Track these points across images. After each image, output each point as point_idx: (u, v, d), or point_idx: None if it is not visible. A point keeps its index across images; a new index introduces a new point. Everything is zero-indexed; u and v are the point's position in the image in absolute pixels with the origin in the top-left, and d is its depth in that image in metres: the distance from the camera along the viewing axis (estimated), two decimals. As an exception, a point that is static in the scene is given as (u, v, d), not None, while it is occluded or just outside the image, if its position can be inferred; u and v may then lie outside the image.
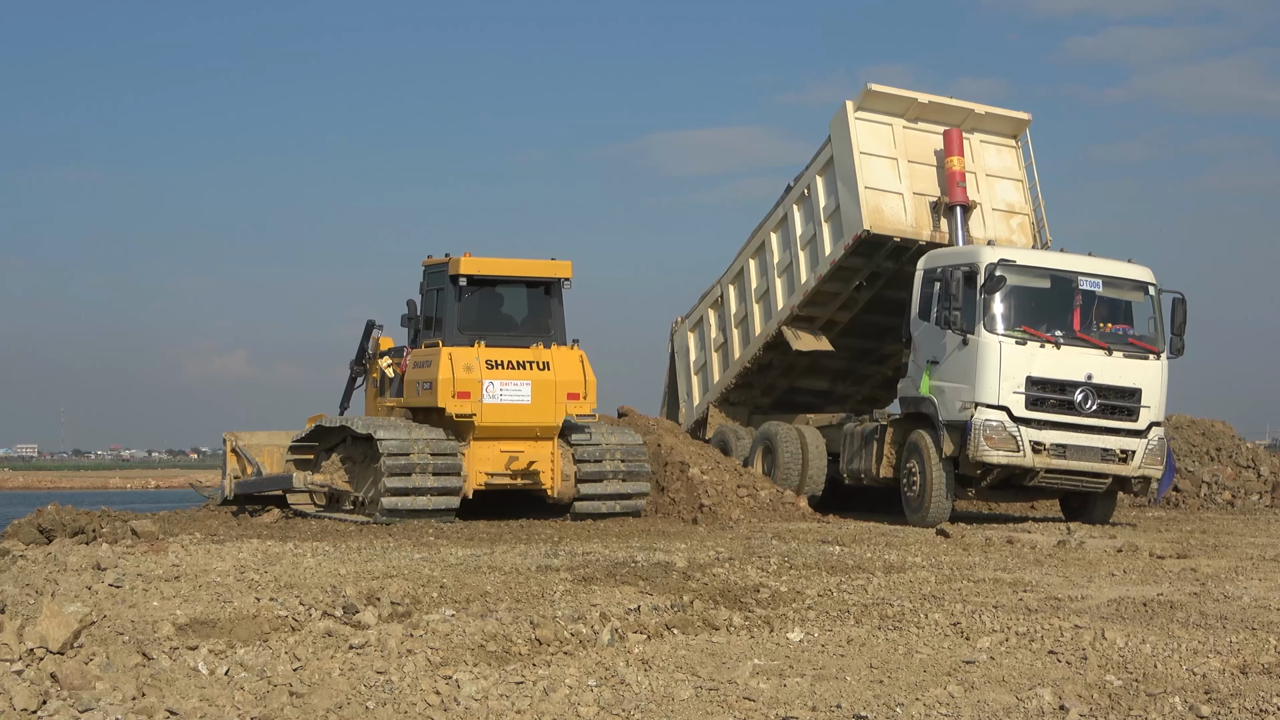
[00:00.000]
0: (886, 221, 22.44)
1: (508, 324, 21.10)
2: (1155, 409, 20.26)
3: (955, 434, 19.96)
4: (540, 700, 7.81)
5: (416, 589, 11.42)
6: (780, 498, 21.91)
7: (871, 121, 22.95)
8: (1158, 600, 11.51)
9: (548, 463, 20.60)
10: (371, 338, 22.88)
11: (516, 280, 21.07)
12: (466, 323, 20.53)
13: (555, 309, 21.05)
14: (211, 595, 10.89)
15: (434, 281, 21.07)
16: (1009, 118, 23.77)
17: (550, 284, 21.04)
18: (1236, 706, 7.70)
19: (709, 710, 7.70)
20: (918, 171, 22.99)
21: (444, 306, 20.61)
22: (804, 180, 24.10)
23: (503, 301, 21.25)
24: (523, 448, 20.46)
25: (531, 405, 20.29)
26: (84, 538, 15.74)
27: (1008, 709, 7.71)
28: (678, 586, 12.08)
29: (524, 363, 20.35)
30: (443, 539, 17.20)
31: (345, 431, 20.82)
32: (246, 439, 22.42)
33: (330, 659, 8.58)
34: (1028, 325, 19.93)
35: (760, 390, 25.94)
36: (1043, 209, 23.41)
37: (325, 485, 20.91)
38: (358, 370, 23.21)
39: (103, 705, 7.35)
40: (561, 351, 20.68)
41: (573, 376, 20.53)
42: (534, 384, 20.31)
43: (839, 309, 23.91)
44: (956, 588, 12.42)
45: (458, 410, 20.05)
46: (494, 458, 20.41)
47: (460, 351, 20.15)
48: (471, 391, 20.01)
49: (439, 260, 21.03)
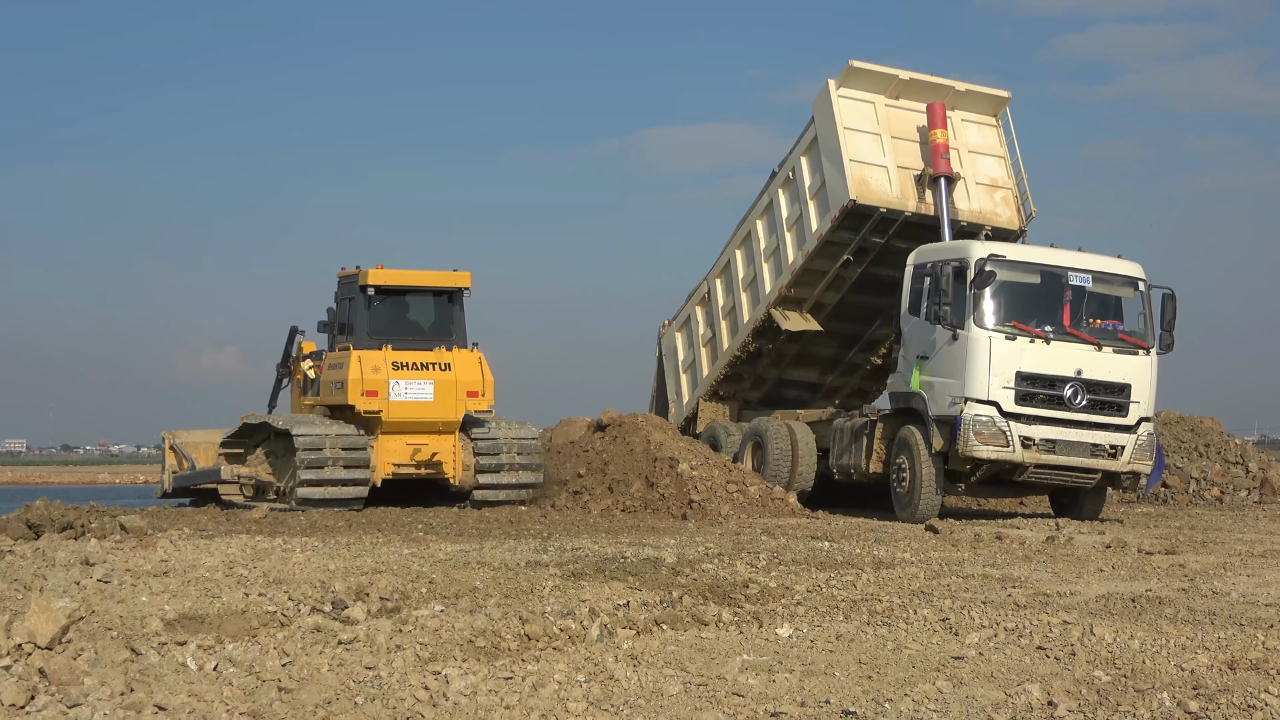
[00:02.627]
0: (872, 192, 22.61)
1: (414, 329, 23.14)
2: (1145, 404, 20.28)
3: (945, 429, 19.99)
4: (529, 696, 7.80)
5: (405, 584, 11.41)
6: (769, 494, 21.92)
7: (854, 99, 23.19)
8: (1146, 596, 11.53)
9: (450, 454, 22.63)
10: (295, 342, 24.94)
11: (421, 289, 23.22)
12: (376, 328, 22.62)
13: (457, 315, 23.14)
14: (200, 591, 10.86)
15: (347, 291, 23.21)
16: (989, 95, 23.99)
17: (452, 293, 23.14)
18: (1224, 702, 7.72)
19: (698, 706, 7.70)
20: (901, 147, 23.21)
21: (355, 314, 22.73)
22: (788, 164, 24.25)
23: (409, 309, 23.32)
24: (427, 440, 22.47)
25: (434, 402, 22.32)
26: (72, 533, 15.69)
27: (996, 705, 7.72)
28: (667, 582, 12.08)
29: (427, 364, 22.42)
30: (431, 535, 17.21)
31: (268, 428, 22.77)
32: (184, 437, 24.83)
33: (319, 654, 8.56)
34: (1017, 320, 19.96)
35: (750, 382, 25.93)
36: (1025, 183, 23.65)
37: (251, 477, 22.74)
38: (283, 372, 25.34)
39: (91, 701, 7.33)
40: (462, 354, 22.71)
41: (472, 376, 22.52)
42: (436, 383, 22.35)
43: (827, 289, 23.95)
44: (945, 584, 12.43)
45: (366, 407, 22.06)
46: (400, 450, 22.44)
47: (368, 354, 22.18)
48: (379, 390, 22.04)
49: (351, 272, 23.13)
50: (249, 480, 22.77)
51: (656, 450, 22.60)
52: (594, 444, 24.29)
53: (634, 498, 22.04)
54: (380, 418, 22.10)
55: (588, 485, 23.16)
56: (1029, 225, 23.36)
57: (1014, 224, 23.38)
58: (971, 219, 22.97)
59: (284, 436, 22.04)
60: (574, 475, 23.61)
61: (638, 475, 22.48)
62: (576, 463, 24.01)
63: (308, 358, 24.08)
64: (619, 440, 23.66)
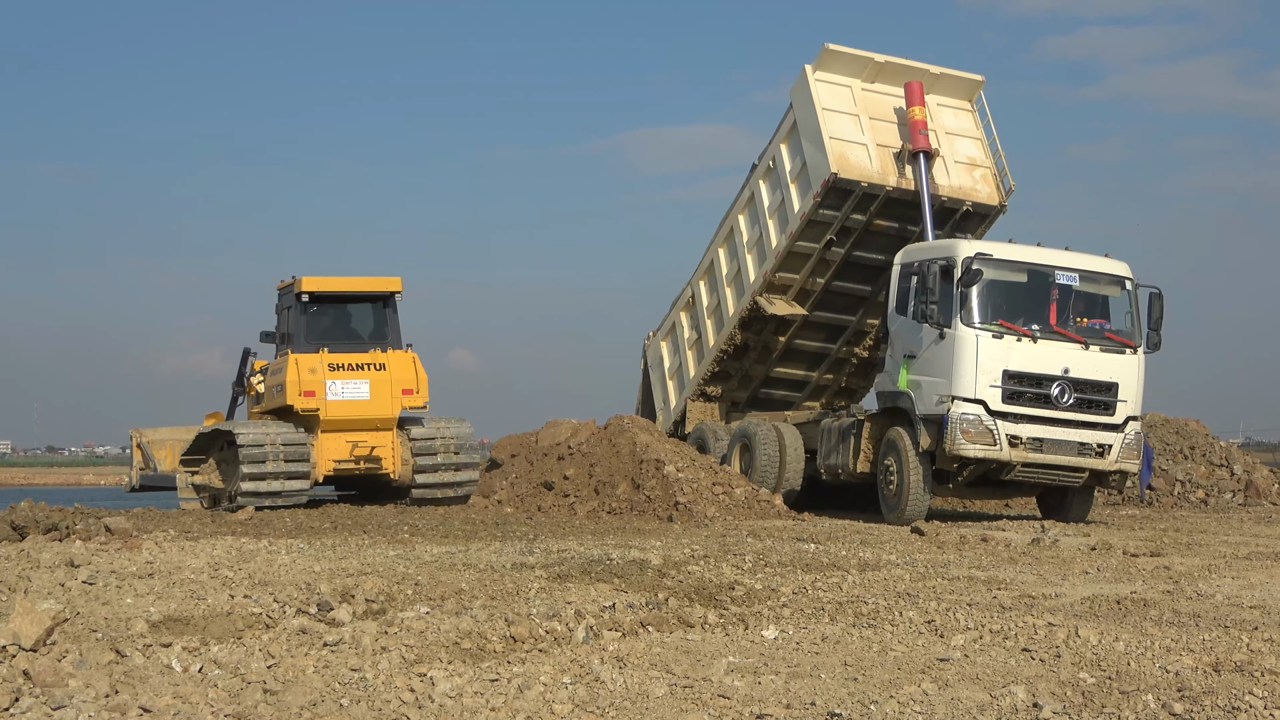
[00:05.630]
0: (853, 166, 22.82)
1: (350, 334, 24.19)
2: (1132, 403, 20.25)
3: (932, 428, 19.96)
4: (515, 697, 7.80)
5: (391, 586, 11.40)
6: (755, 495, 21.92)
7: (831, 83, 23.49)
8: (1131, 598, 11.54)
9: (388, 450, 23.61)
10: (248, 361, 26.00)
11: (354, 295, 24.23)
12: (313, 334, 23.67)
13: (391, 318, 24.09)
14: (185, 592, 10.84)
15: (284, 301, 24.30)
16: (963, 79, 24.24)
17: (385, 297, 24.12)
18: (1209, 704, 7.73)
19: (683, 708, 7.70)
20: (879, 127, 23.49)
21: (293, 322, 23.70)
22: (768, 153, 24.44)
23: (348, 316, 24.37)
24: (365, 437, 23.47)
25: (371, 400, 23.36)
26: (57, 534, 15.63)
27: (981, 707, 7.72)
28: (653, 584, 12.08)
29: (363, 365, 23.48)
30: (417, 536, 17.19)
31: (219, 436, 23.75)
32: (151, 434, 26.32)
33: (304, 656, 8.55)
34: (1004, 319, 19.94)
35: (737, 380, 25.94)
36: (1004, 160, 23.88)
37: (205, 485, 23.79)
38: (238, 390, 26.45)
39: (76, 703, 7.31)
40: (397, 354, 23.72)
41: (407, 375, 23.54)
42: (372, 382, 23.39)
43: (811, 273, 24.01)
44: (931, 585, 12.44)
45: (304, 406, 23.12)
46: (340, 447, 23.41)
47: (305, 357, 23.28)
48: (316, 390, 23.09)
49: (288, 282, 24.13)
50: (203, 488, 23.84)
51: (643, 452, 22.59)
52: (580, 445, 24.31)
53: (620, 499, 22.03)
54: (319, 416, 23.10)
55: (574, 487, 23.16)
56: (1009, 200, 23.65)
57: (994, 199, 23.52)
58: (951, 194, 23.17)
59: (233, 443, 22.82)
60: (560, 477, 23.61)
61: (624, 477, 22.48)
62: (563, 464, 24.02)
63: (258, 373, 25.04)
64: (605, 442, 23.67)
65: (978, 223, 23.66)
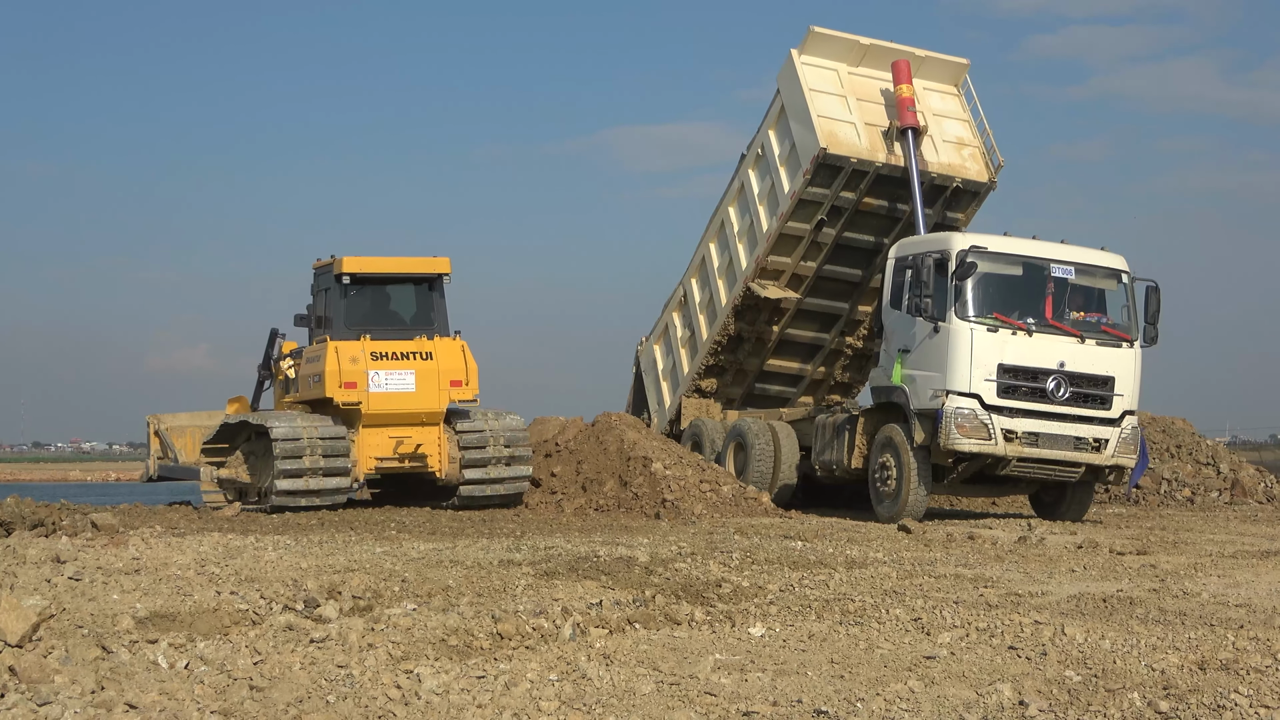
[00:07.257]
0: (842, 143, 22.96)
1: (393, 319, 22.36)
2: (1128, 397, 20.07)
3: (926, 423, 19.77)
4: (502, 694, 7.80)
5: (378, 583, 11.38)
6: (743, 493, 21.90)
7: (818, 66, 23.65)
8: (1117, 596, 11.56)
9: (434, 446, 21.89)
10: (276, 343, 24.11)
11: (399, 277, 22.39)
12: (353, 319, 21.86)
13: (438, 303, 22.31)
14: (172, 589, 10.82)
15: (322, 282, 22.37)
16: (948, 62, 24.42)
17: (432, 280, 22.31)
18: (1195, 702, 7.75)
19: (670, 705, 7.70)
20: (866, 107, 23.67)
21: (331, 305, 21.94)
22: (756, 141, 24.58)
23: (388, 298, 22.53)
24: (410, 433, 21.78)
25: (416, 393, 21.58)
26: (43, 530, 15.60)
27: (968, 704, 7.73)
28: (640, 581, 12.08)
29: (408, 353, 21.69)
30: (405, 533, 17.17)
31: (247, 427, 22.12)
32: (169, 421, 24.42)
33: (291, 653, 8.54)
34: (999, 312, 19.70)
35: (731, 375, 25.91)
36: (992, 139, 24.02)
37: (231, 480, 22.10)
38: (265, 374, 24.47)
39: (61, 699, 7.30)
40: (444, 342, 21.96)
41: (455, 365, 21.76)
42: (418, 373, 21.61)
43: (803, 257, 24.06)
44: (918, 583, 12.44)
45: (344, 399, 21.33)
46: (383, 443, 21.70)
47: (345, 345, 21.48)
48: (357, 381, 21.31)
49: (326, 262, 22.25)
50: (229, 482, 22.20)
51: (630, 449, 22.58)
52: (568, 443, 24.29)
53: (607, 497, 22.02)
54: (360, 410, 21.37)
55: (561, 484, 23.15)
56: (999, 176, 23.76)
57: (983, 176, 23.61)
58: (941, 171, 23.28)
59: (263, 434, 21.34)
60: (548, 474, 23.59)
61: (611, 474, 22.46)
62: (550, 461, 24.00)
63: (288, 356, 23.32)
64: (593, 439, 23.65)
65: (968, 200, 23.71)
